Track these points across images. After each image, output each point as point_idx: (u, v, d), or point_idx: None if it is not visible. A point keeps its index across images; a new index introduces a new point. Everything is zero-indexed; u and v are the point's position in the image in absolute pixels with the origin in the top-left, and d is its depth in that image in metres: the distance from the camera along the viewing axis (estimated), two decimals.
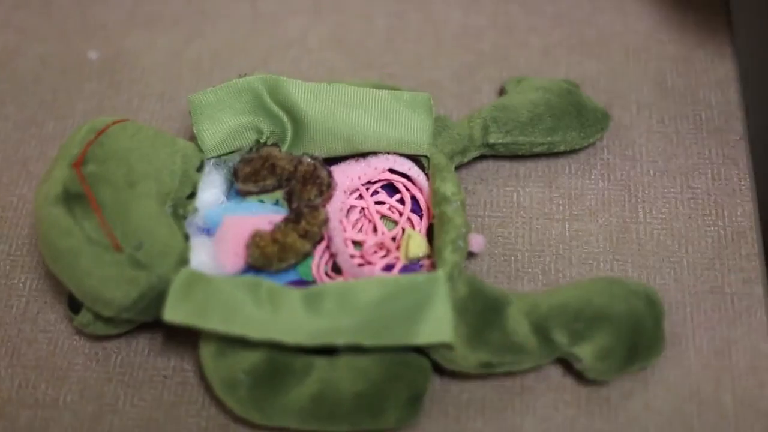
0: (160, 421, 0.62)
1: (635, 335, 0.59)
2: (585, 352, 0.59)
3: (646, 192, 0.69)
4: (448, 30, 0.78)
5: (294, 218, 0.62)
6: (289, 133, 0.66)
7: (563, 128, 0.68)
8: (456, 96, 0.75)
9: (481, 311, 0.60)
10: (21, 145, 0.74)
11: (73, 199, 0.59)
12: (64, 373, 0.64)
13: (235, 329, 0.57)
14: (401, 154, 0.66)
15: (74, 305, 0.63)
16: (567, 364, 0.62)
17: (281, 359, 0.59)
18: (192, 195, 0.64)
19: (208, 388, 0.62)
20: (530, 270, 0.66)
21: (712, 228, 0.67)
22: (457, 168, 0.68)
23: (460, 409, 0.61)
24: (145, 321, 0.62)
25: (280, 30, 0.79)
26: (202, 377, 0.63)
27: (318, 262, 0.63)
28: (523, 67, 0.76)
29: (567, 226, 0.68)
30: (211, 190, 0.64)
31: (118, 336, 0.65)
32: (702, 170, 0.69)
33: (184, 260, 0.60)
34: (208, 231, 0.63)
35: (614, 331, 0.59)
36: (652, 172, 0.69)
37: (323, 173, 0.64)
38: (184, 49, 0.79)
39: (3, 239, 0.69)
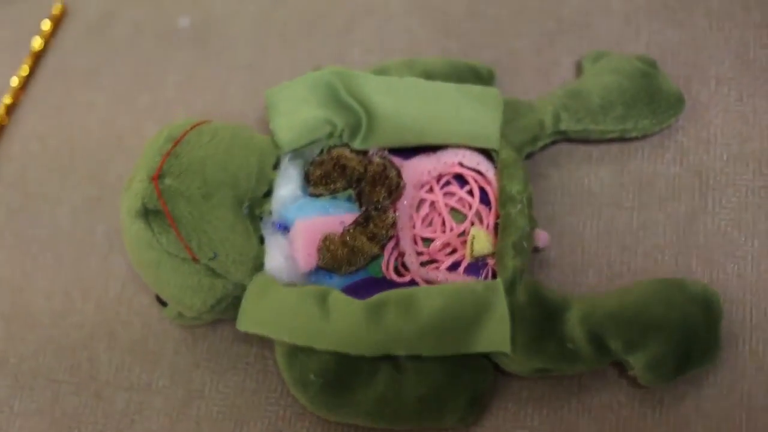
0: (242, 408, 0.67)
1: (688, 344, 0.61)
2: (637, 361, 0.61)
3: (718, 179, 0.69)
4: None
5: (363, 221, 0.65)
6: (364, 124, 0.68)
7: (635, 116, 0.69)
8: (535, 69, 0.75)
9: (539, 320, 0.62)
10: (116, 119, 0.78)
11: (152, 214, 0.62)
12: (156, 357, 0.70)
13: (302, 341, 0.62)
14: (471, 147, 0.68)
15: (162, 299, 0.68)
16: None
17: (349, 362, 0.63)
18: (269, 192, 0.67)
19: None
20: (596, 261, 0.68)
21: None
22: (530, 155, 0.70)
23: (520, 405, 0.65)
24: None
25: None
26: None
27: (387, 260, 0.67)
28: (604, 36, 0.75)
29: (635, 215, 0.69)
30: (288, 186, 0.67)
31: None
32: None
33: (258, 265, 0.65)
34: (285, 228, 0.66)
35: (667, 341, 0.61)
36: (725, 157, 0.70)
37: (392, 173, 0.66)
38: (270, 14, 0.80)
39: (102, 219, 0.75)
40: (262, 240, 0.66)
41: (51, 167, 0.77)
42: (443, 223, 0.68)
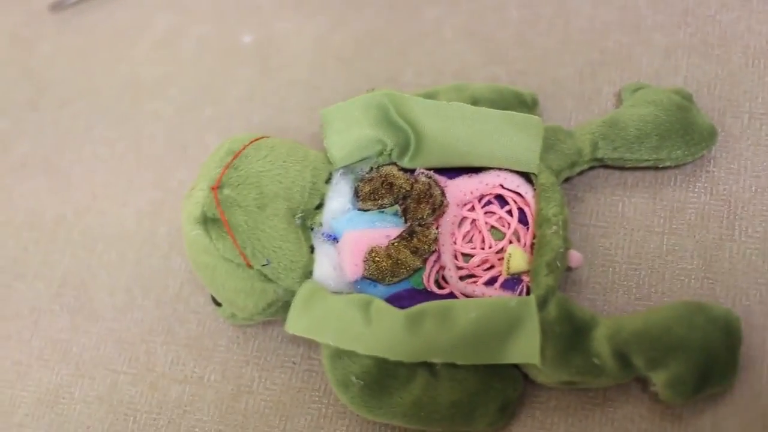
0: (287, 404, 0.72)
1: (708, 365, 0.65)
2: (659, 378, 0.65)
3: (745, 209, 0.72)
4: (577, 24, 0.82)
5: (407, 236, 0.70)
6: (412, 144, 0.72)
7: (668, 147, 0.72)
8: (577, 97, 0.79)
9: (568, 335, 0.66)
10: (181, 129, 0.83)
11: (210, 221, 0.68)
12: (209, 353, 0.74)
13: (346, 345, 0.66)
14: (512, 170, 0.72)
15: (217, 300, 0.73)
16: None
17: (389, 366, 0.67)
18: (321, 205, 0.72)
19: None
20: (625, 283, 0.72)
21: None
22: (568, 179, 0.74)
23: (546, 413, 0.69)
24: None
25: (416, 20, 0.85)
26: None
27: (429, 273, 0.71)
28: (644, 69, 0.79)
29: (665, 240, 0.72)
30: (339, 199, 0.72)
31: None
32: None
33: (307, 273, 0.69)
34: (334, 239, 0.71)
35: (687, 360, 0.65)
36: (753, 188, 0.73)
37: (436, 192, 0.70)
38: (329, 36, 0.85)
39: (164, 221, 0.80)
40: (312, 249, 0.70)
41: (118, 171, 0.82)
42: (483, 241, 0.72)
